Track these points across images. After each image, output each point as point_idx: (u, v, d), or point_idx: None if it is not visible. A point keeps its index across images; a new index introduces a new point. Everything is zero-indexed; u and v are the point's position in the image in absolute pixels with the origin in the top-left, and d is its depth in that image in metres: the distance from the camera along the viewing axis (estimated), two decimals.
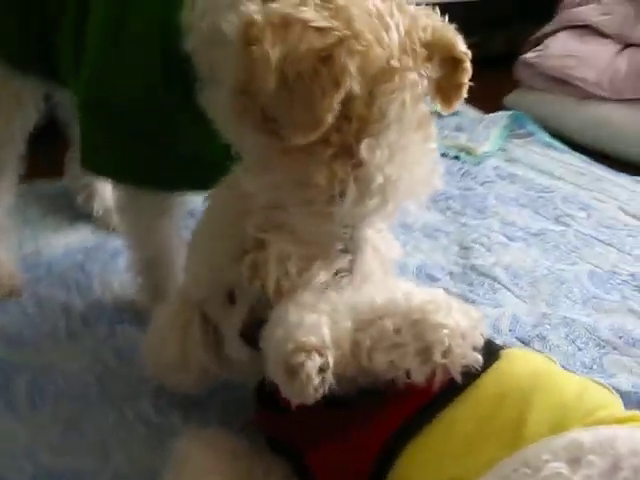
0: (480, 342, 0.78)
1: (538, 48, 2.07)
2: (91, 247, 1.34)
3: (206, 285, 0.92)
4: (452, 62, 0.78)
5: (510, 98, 2.09)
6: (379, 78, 0.72)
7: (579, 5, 2.09)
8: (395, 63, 0.72)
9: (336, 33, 0.69)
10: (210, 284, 0.91)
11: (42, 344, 1.10)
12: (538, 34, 2.14)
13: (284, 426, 0.84)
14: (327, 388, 0.72)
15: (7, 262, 1.24)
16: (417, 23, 0.75)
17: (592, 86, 1.96)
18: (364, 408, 0.78)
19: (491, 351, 0.81)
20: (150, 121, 0.93)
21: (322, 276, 0.81)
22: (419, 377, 0.75)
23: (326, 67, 0.69)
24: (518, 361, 0.82)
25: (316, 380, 0.71)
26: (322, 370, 0.72)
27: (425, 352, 0.75)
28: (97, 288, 1.23)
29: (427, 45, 0.75)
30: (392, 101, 0.73)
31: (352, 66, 0.69)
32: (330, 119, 0.70)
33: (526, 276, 1.34)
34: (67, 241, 1.35)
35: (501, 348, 0.84)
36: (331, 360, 0.72)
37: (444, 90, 0.80)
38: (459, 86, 0.80)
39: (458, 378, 0.76)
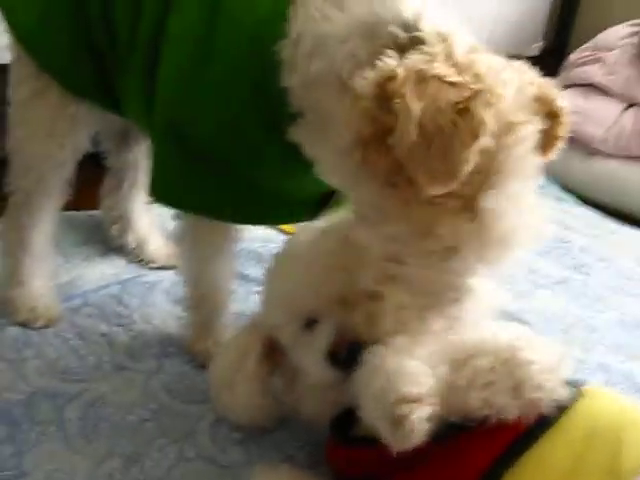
0: (566, 376, 0.80)
1: None
2: (126, 279, 1.32)
3: (285, 311, 0.92)
4: (553, 115, 0.81)
5: None
6: (503, 131, 0.74)
7: (584, 65, 2.18)
8: (515, 117, 0.75)
9: (471, 87, 0.72)
10: (289, 311, 0.91)
11: (90, 376, 1.07)
12: None
13: (367, 461, 0.84)
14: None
15: (44, 292, 1.21)
16: (525, 78, 0.79)
17: (598, 142, 2.04)
18: (454, 442, 0.78)
19: (573, 387, 0.82)
20: (233, 151, 0.93)
21: (436, 325, 0.83)
22: (511, 413, 0.76)
23: (464, 119, 0.71)
24: (602, 397, 0.83)
25: (421, 430, 0.72)
26: (426, 419, 0.73)
27: (517, 389, 0.76)
28: (138, 321, 1.21)
29: (535, 99, 0.78)
30: (513, 154, 0.75)
31: (487, 118, 0.71)
32: (467, 170, 0.72)
33: (557, 322, 1.36)
34: (102, 273, 1.33)
35: (582, 384, 0.85)
36: (433, 409, 0.74)
37: (544, 142, 0.81)
38: (556, 139, 0.83)
39: (550, 413, 0.77)
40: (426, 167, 0.72)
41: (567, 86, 2.17)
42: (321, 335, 0.87)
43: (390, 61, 0.75)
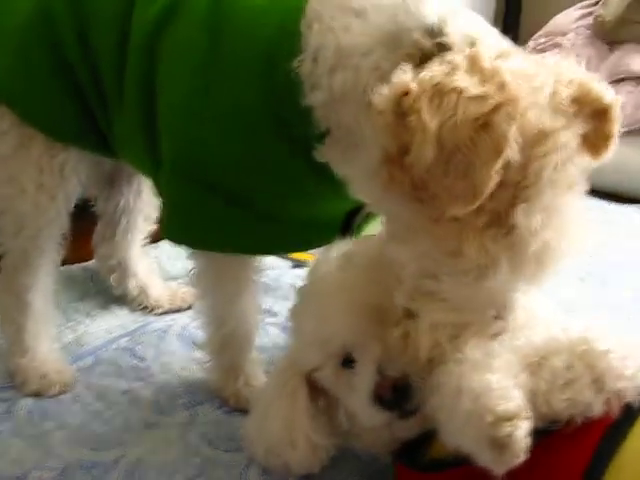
0: None
1: None
2: (135, 329, 1.25)
3: (319, 350, 0.86)
4: (600, 113, 0.74)
5: None
6: (533, 142, 0.69)
7: (543, 51, 2.19)
8: (547, 125, 0.70)
9: (492, 100, 0.66)
10: (324, 349, 0.86)
11: (121, 440, 0.99)
12: None
13: None
14: None
15: (53, 355, 1.13)
16: (562, 79, 0.73)
17: None
18: (543, 448, 0.74)
19: None
20: (255, 182, 0.87)
21: (474, 343, 0.77)
22: (597, 408, 0.73)
23: (485, 135, 0.66)
24: None
25: (524, 446, 0.67)
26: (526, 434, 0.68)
27: (598, 381, 0.73)
28: (158, 372, 1.14)
29: (575, 100, 0.72)
30: (546, 164, 0.70)
31: (511, 132, 0.66)
32: (490, 189, 0.67)
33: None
34: (107, 326, 1.26)
35: None
36: (530, 421, 0.69)
37: (592, 142, 0.76)
38: (608, 137, 0.76)
39: (636, 399, 0.73)
40: (446, 186, 0.68)
41: None
42: (362, 377, 0.82)
43: (404, 75, 0.70)
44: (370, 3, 0.78)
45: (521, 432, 0.67)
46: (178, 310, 1.32)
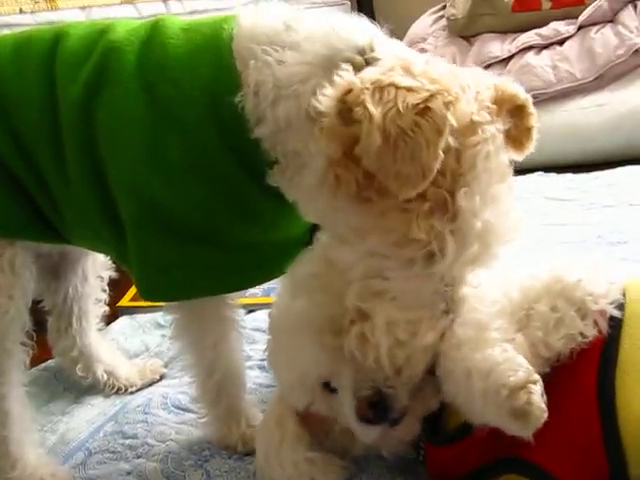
0: (612, 273, 0.84)
1: None
2: (116, 412, 1.21)
3: (302, 389, 0.89)
4: (518, 110, 0.83)
5: None
6: (466, 131, 0.76)
7: None
8: (477, 117, 0.77)
9: (426, 92, 0.73)
10: (304, 386, 0.88)
11: None
12: None
13: (482, 445, 0.82)
14: None
15: (43, 460, 1.08)
16: (481, 81, 0.80)
17: None
18: (552, 384, 0.78)
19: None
20: (222, 217, 0.89)
21: (430, 337, 0.81)
22: (590, 332, 0.79)
23: (427, 117, 0.72)
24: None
25: (543, 407, 0.72)
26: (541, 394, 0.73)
27: (582, 309, 0.79)
28: (155, 444, 1.11)
29: (494, 101, 0.80)
30: (478, 153, 0.77)
31: (448, 115, 0.72)
32: (437, 167, 0.73)
33: None
34: (87, 417, 1.21)
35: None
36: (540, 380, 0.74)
37: (515, 137, 0.83)
38: (529, 130, 0.84)
39: (617, 314, 0.80)
40: (395, 171, 0.73)
41: None
42: (344, 402, 0.85)
43: (346, 74, 0.76)
44: (302, 36, 0.84)
45: (537, 395, 0.72)
46: (151, 384, 1.30)
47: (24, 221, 0.99)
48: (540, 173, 1.91)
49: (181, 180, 0.87)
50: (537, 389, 0.72)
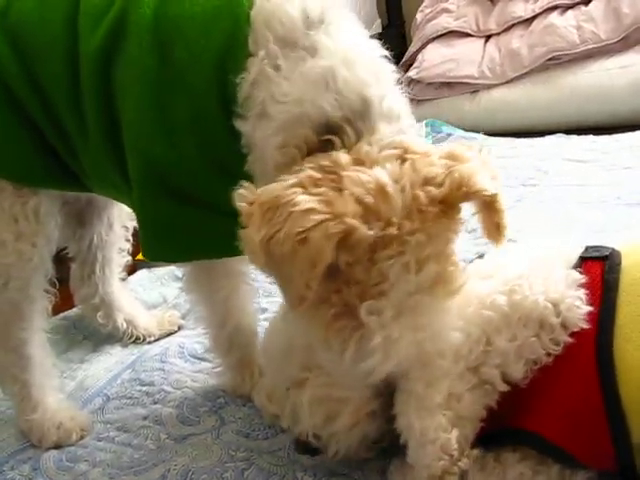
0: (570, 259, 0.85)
1: (415, 65, 2.24)
2: (134, 361, 1.23)
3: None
4: (486, 206, 0.76)
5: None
6: (375, 246, 0.71)
7: (433, 19, 2.29)
8: (393, 231, 0.71)
9: (316, 217, 0.69)
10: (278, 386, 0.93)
11: (161, 457, 0.98)
12: (406, 56, 2.31)
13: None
14: None
15: (62, 405, 1.11)
16: (430, 180, 0.73)
17: (478, 78, 2.15)
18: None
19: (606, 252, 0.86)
20: (218, 182, 0.87)
21: (349, 421, 0.85)
22: (561, 339, 0.80)
23: (302, 249, 0.69)
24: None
25: None
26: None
27: (544, 326, 0.80)
28: (171, 390, 1.14)
29: (445, 199, 0.73)
30: (391, 266, 0.72)
31: (329, 246, 0.69)
32: (311, 295, 0.71)
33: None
34: (105, 365, 1.24)
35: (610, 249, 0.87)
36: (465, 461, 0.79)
37: (487, 226, 0.77)
38: (497, 226, 0.77)
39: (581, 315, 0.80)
40: (281, 287, 0.75)
41: (427, 42, 2.28)
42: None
43: (246, 189, 0.74)
44: (300, 70, 0.80)
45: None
46: (168, 334, 1.32)
47: (46, 170, 1.00)
48: (560, 135, 1.88)
49: (185, 143, 0.87)
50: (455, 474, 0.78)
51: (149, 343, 1.30)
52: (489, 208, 0.76)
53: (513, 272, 0.84)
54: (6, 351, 1.07)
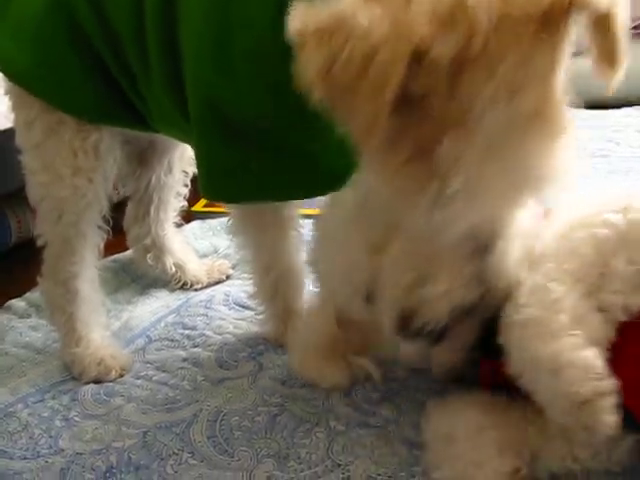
0: None
1: None
2: (179, 306, 1.24)
3: (339, 293, 0.85)
4: (597, 24, 0.62)
5: None
6: (455, 70, 0.60)
7: None
8: (476, 49, 0.58)
9: (381, 35, 0.59)
10: (346, 291, 0.84)
11: (194, 398, 0.97)
12: None
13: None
14: None
15: (106, 342, 1.11)
16: None
17: None
18: None
19: None
20: (277, 119, 0.85)
21: (441, 285, 0.73)
22: None
23: (368, 73, 0.59)
24: None
25: (613, 423, 0.64)
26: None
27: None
28: (212, 335, 1.13)
29: (545, 13, 0.59)
30: (476, 94, 0.61)
31: (399, 67, 0.58)
32: (379, 130, 0.61)
33: None
34: (151, 308, 1.24)
35: None
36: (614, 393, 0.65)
37: (598, 52, 0.63)
38: (610, 52, 0.63)
39: None
40: (345, 123, 0.64)
41: None
42: (383, 314, 0.79)
43: (298, 11, 0.64)
44: None
45: (606, 412, 0.63)
46: (216, 283, 1.32)
47: (109, 105, 0.99)
48: (637, 107, 1.80)
49: (243, 80, 0.84)
50: (607, 404, 0.64)
51: (196, 290, 1.30)
52: (602, 26, 0.62)
53: (618, 194, 0.74)
54: (55, 283, 1.08)
